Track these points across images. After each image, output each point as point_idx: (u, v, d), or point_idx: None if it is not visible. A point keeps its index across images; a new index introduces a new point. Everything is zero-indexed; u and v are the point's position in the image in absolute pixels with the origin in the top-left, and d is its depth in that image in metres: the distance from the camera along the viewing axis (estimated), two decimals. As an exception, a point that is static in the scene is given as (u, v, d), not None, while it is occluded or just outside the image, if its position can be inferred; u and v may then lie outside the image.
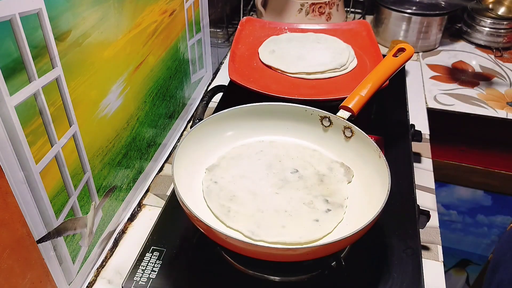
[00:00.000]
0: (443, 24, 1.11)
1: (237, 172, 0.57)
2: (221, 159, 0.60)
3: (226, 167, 0.58)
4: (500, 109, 0.92)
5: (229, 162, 0.59)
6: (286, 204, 0.53)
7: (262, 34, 0.92)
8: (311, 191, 0.55)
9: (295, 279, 0.53)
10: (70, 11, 0.45)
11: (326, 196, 0.54)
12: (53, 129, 0.45)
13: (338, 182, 0.56)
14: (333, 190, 0.55)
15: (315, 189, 0.55)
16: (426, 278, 0.53)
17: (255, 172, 0.57)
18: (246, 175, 0.57)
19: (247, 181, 0.56)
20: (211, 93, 0.81)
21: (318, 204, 0.53)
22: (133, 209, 0.66)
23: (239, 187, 0.55)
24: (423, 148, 0.80)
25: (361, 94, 0.60)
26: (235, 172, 0.57)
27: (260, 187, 0.55)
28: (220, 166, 0.59)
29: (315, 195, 0.54)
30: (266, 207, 0.52)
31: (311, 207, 0.53)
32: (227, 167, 0.58)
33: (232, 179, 0.56)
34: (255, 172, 0.57)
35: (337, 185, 0.56)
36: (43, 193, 0.44)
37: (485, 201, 1.14)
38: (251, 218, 0.51)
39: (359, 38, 0.90)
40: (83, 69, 0.49)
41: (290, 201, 0.53)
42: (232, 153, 0.61)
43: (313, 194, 0.55)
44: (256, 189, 0.55)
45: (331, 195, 0.54)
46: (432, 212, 0.61)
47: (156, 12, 0.66)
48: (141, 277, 0.53)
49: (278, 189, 0.55)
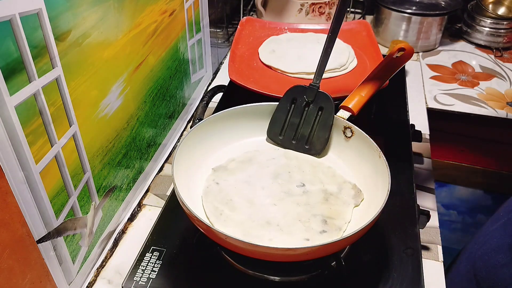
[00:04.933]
0: (443, 24, 1.11)
1: (242, 177, 0.56)
2: (230, 161, 0.59)
3: (233, 170, 0.57)
4: (500, 109, 0.92)
5: (237, 165, 0.58)
6: (281, 218, 0.51)
7: (262, 34, 0.92)
8: (312, 209, 0.52)
9: (295, 279, 0.53)
10: (70, 11, 0.45)
11: (326, 216, 0.51)
12: (53, 129, 0.45)
13: (344, 204, 0.53)
14: (336, 212, 0.52)
15: (317, 207, 0.52)
16: (426, 278, 0.53)
17: (260, 179, 0.56)
18: (250, 181, 0.55)
19: (248, 188, 0.55)
20: (211, 93, 0.81)
21: (314, 224, 0.50)
22: (133, 209, 0.66)
23: (238, 192, 0.54)
24: (423, 148, 0.80)
25: (361, 94, 0.60)
26: (240, 177, 0.56)
27: (260, 195, 0.54)
28: (227, 168, 0.58)
29: (314, 214, 0.51)
30: (259, 217, 0.51)
31: (306, 226, 0.50)
32: (234, 170, 0.57)
33: (234, 182, 0.55)
34: (260, 180, 0.56)
35: (341, 207, 0.53)
36: (43, 193, 0.44)
37: (485, 201, 1.14)
38: (240, 226, 0.50)
39: (359, 38, 0.90)
40: (83, 69, 0.49)
41: (286, 216, 0.51)
42: (243, 157, 0.59)
43: (313, 212, 0.52)
44: (255, 197, 0.53)
45: (331, 217, 0.51)
46: (432, 212, 0.61)
47: (156, 12, 0.66)
48: (141, 277, 0.53)
49: (277, 200, 0.53)
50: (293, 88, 0.61)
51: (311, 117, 0.61)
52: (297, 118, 0.61)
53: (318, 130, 0.60)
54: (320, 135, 0.60)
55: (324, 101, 0.60)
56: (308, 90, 0.60)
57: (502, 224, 0.67)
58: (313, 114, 0.60)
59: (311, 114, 0.61)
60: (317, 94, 0.60)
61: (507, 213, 0.67)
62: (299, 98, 0.61)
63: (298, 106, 0.61)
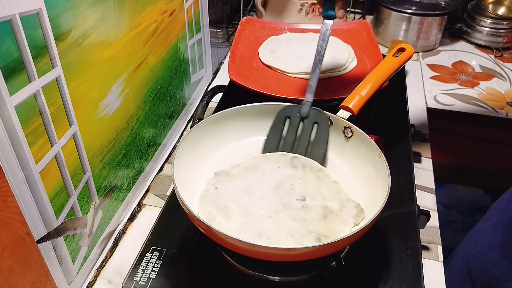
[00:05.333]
0: (443, 24, 1.11)
1: (243, 184, 0.55)
2: (234, 166, 0.58)
3: (235, 175, 0.56)
4: (500, 109, 0.92)
5: (240, 171, 0.57)
6: (273, 231, 0.49)
7: (262, 34, 0.92)
8: (307, 225, 0.50)
9: (295, 279, 0.53)
10: (70, 11, 0.45)
11: (321, 234, 0.49)
12: (53, 129, 0.45)
13: (343, 223, 0.51)
14: (332, 230, 0.50)
15: (313, 224, 0.50)
16: (426, 278, 0.53)
17: (261, 188, 0.54)
18: (250, 189, 0.54)
19: (246, 196, 0.53)
20: (211, 93, 0.81)
21: (307, 240, 0.48)
22: (133, 209, 0.66)
23: (236, 199, 0.53)
24: (423, 148, 0.80)
25: (361, 94, 0.60)
26: (241, 183, 0.55)
27: (256, 206, 0.52)
28: (230, 173, 0.56)
29: (309, 231, 0.49)
30: (251, 228, 0.49)
31: (298, 242, 0.48)
32: (236, 176, 0.56)
33: (234, 189, 0.54)
34: (260, 189, 0.54)
35: (339, 226, 0.51)
36: (43, 193, 0.44)
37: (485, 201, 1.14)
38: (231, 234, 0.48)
39: (359, 38, 0.90)
40: (83, 69, 0.49)
41: (279, 230, 0.49)
42: (248, 163, 0.58)
43: (307, 228, 0.50)
44: (251, 206, 0.52)
45: (326, 235, 0.49)
46: (432, 212, 0.61)
47: (156, 12, 0.66)
48: (141, 277, 0.53)
49: (273, 212, 0.51)
50: (286, 108, 0.62)
51: (306, 133, 0.61)
52: (292, 135, 0.61)
53: (315, 146, 0.60)
54: (317, 152, 0.60)
55: (319, 117, 0.60)
56: (301, 107, 0.61)
57: (494, 222, 0.67)
58: (308, 130, 0.61)
59: (306, 130, 0.61)
60: (310, 111, 0.60)
61: (497, 212, 0.68)
62: (293, 116, 0.62)
63: (292, 123, 0.62)
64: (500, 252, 0.62)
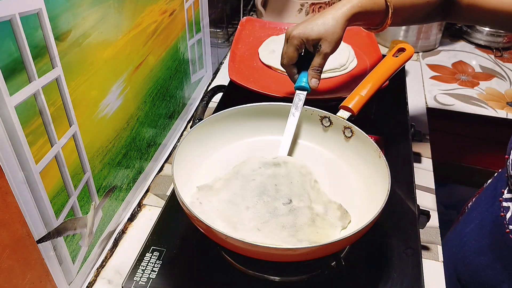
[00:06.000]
0: (443, 24, 1.11)
1: (226, 197, 0.53)
2: (216, 180, 0.55)
3: (218, 189, 0.54)
4: (500, 109, 0.93)
5: (223, 184, 0.55)
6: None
7: (262, 34, 0.92)
8: (298, 233, 0.49)
9: (295, 279, 0.53)
10: (70, 11, 0.45)
11: (313, 241, 0.48)
12: (53, 129, 0.45)
13: (331, 227, 0.50)
14: (323, 236, 0.49)
15: (303, 230, 0.49)
16: (426, 278, 0.53)
17: (245, 198, 0.52)
18: (234, 201, 0.52)
19: (232, 208, 0.51)
20: (211, 93, 0.81)
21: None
22: (133, 209, 0.66)
23: (221, 215, 0.50)
24: (423, 148, 0.80)
25: (361, 94, 0.60)
26: (224, 197, 0.53)
27: (243, 219, 0.50)
28: (213, 188, 0.54)
29: (300, 239, 0.48)
30: None
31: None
32: (219, 190, 0.54)
33: (217, 204, 0.52)
34: (244, 198, 0.52)
35: (328, 230, 0.49)
36: (43, 193, 0.44)
37: (485, 201, 1.13)
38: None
39: (359, 38, 0.90)
40: (83, 69, 0.49)
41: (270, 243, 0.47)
42: (229, 174, 0.56)
43: (298, 237, 0.48)
44: (238, 221, 0.50)
45: (318, 242, 0.47)
46: (432, 212, 0.61)
47: (156, 12, 0.66)
48: (141, 277, 0.53)
49: (262, 223, 0.49)
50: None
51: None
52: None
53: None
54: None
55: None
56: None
57: (477, 225, 0.65)
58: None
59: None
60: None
61: (479, 214, 0.66)
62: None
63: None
64: (489, 255, 0.61)
